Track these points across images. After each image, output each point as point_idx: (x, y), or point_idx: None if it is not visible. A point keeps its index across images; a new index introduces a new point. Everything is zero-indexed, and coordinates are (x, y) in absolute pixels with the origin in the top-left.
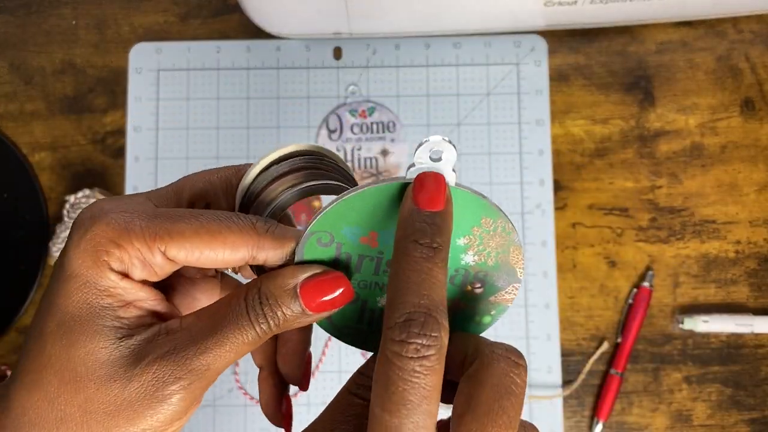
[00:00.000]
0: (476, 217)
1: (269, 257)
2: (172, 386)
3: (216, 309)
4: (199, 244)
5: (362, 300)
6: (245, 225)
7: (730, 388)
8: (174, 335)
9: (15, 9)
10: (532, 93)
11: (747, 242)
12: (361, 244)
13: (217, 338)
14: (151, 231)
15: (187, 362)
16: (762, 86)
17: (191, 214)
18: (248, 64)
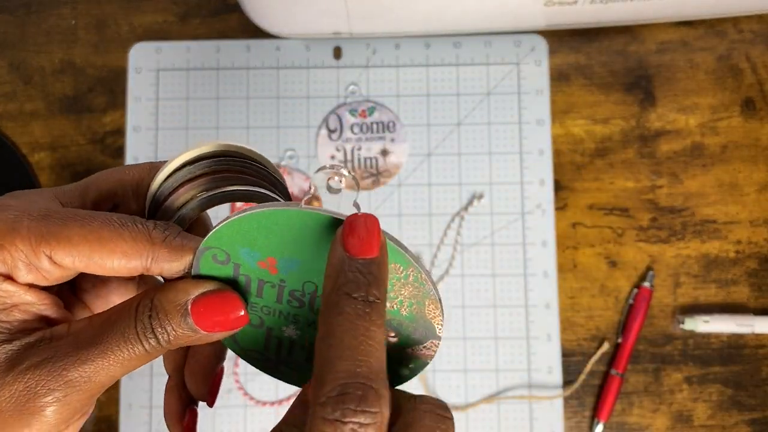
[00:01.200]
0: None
1: (165, 269)
2: (44, 398)
3: (107, 316)
4: (88, 251)
5: (267, 327)
6: (140, 233)
7: (731, 388)
8: (57, 342)
9: (15, 9)
10: (533, 93)
11: (747, 242)
12: (260, 269)
13: (101, 349)
14: (36, 234)
15: (64, 373)
16: (762, 86)
17: (83, 216)
18: (248, 63)
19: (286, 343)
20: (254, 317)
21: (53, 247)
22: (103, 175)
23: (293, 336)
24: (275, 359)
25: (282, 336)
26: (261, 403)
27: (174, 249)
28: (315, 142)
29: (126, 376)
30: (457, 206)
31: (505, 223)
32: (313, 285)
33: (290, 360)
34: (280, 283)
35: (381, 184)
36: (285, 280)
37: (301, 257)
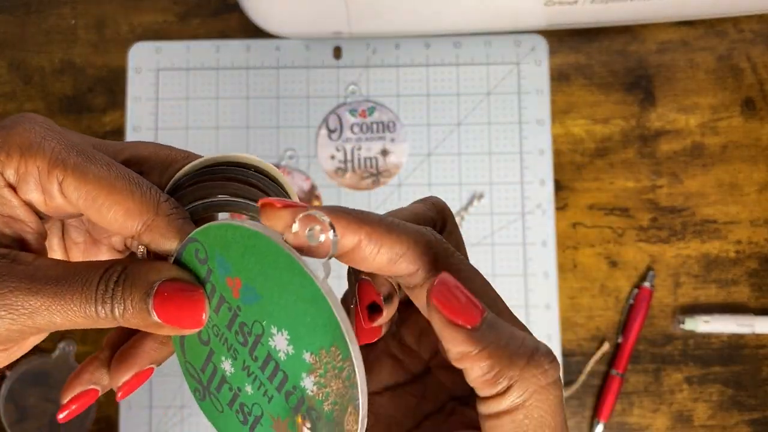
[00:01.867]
0: (328, 338)
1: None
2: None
3: (74, 265)
4: (96, 193)
5: (211, 348)
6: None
7: (731, 388)
8: (17, 265)
9: (14, 9)
10: (533, 93)
11: (748, 242)
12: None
13: (55, 290)
14: (59, 157)
15: (8, 293)
16: (763, 86)
17: (108, 163)
18: (248, 63)
19: (219, 376)
20: (204, 332)
21: (67, 175)
22: (141, 144)
23: (227, 372)
24: (205, 386)
25: (219, 366)
26: None
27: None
28: (315, 142)
29: None
30: (457, 206)
31: (505, 223)
32: (261, 327)
33: (215, 396)
34: (236, 310)
35: (381, 184)
36: (241, 308)
37: (261, 291)
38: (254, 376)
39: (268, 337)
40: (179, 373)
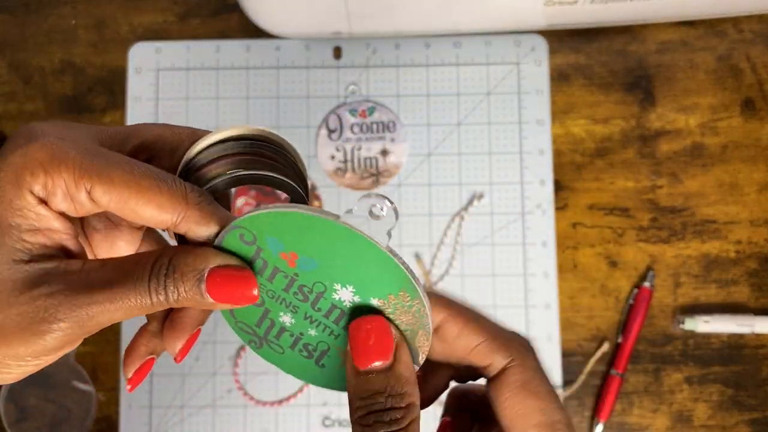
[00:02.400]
0: (396, 286)
1: (191, 230)
2: (51, 325)
3: (121, 264)
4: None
5: (266, 308)
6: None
7: (731, 388)
8: (70, 276)
9: (15, 9)
10: (533, 93)
11: (748, 242)
12: (280, 259)
13: (112, 293)
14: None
15: (74, 307)
16: (762, 86)
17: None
18: (248, 63)
19: (277, 327)
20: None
21: (95, 182)
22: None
23: (287, 323)
24: (262, 337)
25: (276, 320)
26: (261, 403)
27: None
28: (315, 142)
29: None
30: (457, 206)
31: (505, 223)
32: (323, 286)
33: (275, 343)
34: (294, 276)
35: (381, 184)
36: (299, 274)
37: (320, 260)
38: (318, 322)
39: (331, 292)
40: (179, 373)
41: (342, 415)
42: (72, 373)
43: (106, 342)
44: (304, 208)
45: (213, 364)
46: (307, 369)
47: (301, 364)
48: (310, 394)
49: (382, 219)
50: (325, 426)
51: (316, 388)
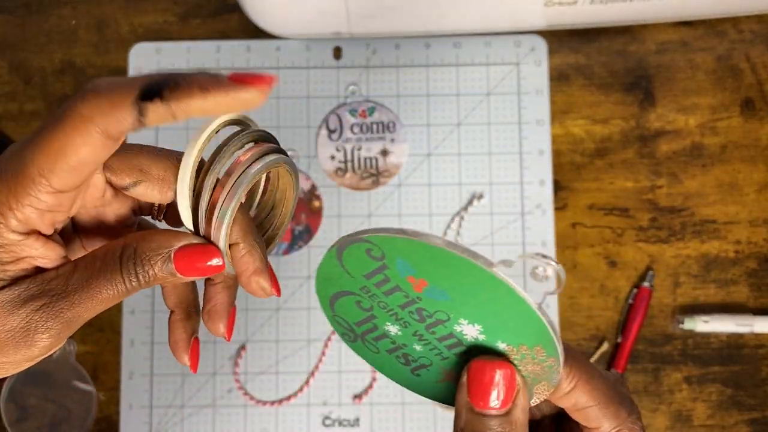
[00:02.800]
0: (534, 340)
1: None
2: (42, 334)
3: (91, 261)
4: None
5: (373, 314)
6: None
7: (731, 388)
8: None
9: (15, 9)
10: (533, 93)
11: (747, 242)
12: (406, 281)
13: (91, 293)
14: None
15: (60, 314)
16: (762, 86)
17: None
18: (248, 64)
19: (379, 332)
20: (366, 303)
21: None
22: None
23: (392, 333)
24: (359, 335)
25: (381, 326)
26: (261, 403)
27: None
28: (315, 142)
29: (126, 377)
30: (457, 206)
31: (505, 223)
32: (447, 316)
33: (371, 344)
34: (416, 299)
35: (381, 184)
36: (422, 299)
37: (454, 294)
38: (427, 341)
39: (455, 324)
40: (179, 373)
41: (342, 414)
42: (72, 373)
43: (107, 342)
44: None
45: (213, 364)
46: (399, 372)
47: (393, 367)
48: (309, 394)
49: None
50: (325, 426)
51: (316, 388)
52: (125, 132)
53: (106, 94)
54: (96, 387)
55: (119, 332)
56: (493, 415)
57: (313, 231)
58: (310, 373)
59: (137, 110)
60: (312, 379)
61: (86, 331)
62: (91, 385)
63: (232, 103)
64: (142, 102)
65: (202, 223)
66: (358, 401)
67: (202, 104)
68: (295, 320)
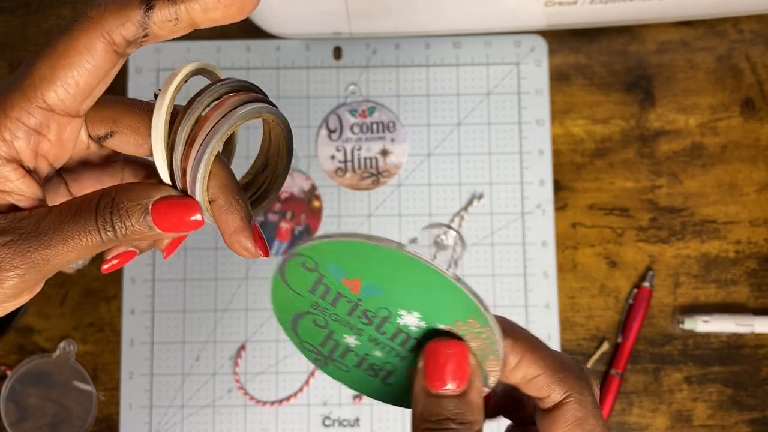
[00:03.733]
0: (464, 313)
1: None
2: (7, 273)
3: (67, 207)
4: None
5: (330, 330)
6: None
7: (731, 388)
8: (20, 224)
9: (15, 9)
10: (533, 93)
11: (747, 242)
12: (343, 285)
13: (63, 236)
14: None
15: (28, 254)
16: (762, 86)
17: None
18: (248, 63)
19: (342, 348)
20: (321, 319)
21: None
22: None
23: (351, 345)
24: (326, 356)
25: (341, 341)
26: (261, 403)
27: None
28: (315, 142)
29: (126, 377)
30: (457, 206)
31: (505, 223)
32: (387, 311)
33: (340, 362)
34: (357, 301)
35: (381, 184)
36: (362, 300)
37: (384, 287)
38: (383, 344)
39: (396, 317)
40: (179, 373)
41: (342, 415)
42: (72, 373)
43: (106, 342)
44: (366, 237)
45: (213, 364)
46: (373, 387)
47: (366, 382)
48: (309, 394)
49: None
50: (325, 426)
51: (315, 388)
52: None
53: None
54: (96, 387)
55: (119, 332)
56: (450, 396)
57: (313, 231)
58: (310, 373)
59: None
60: (312, 379)
61: (86, 331)
62: (91, 385)
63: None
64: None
65: (178, 177)
66: (358, 401)
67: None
68: None
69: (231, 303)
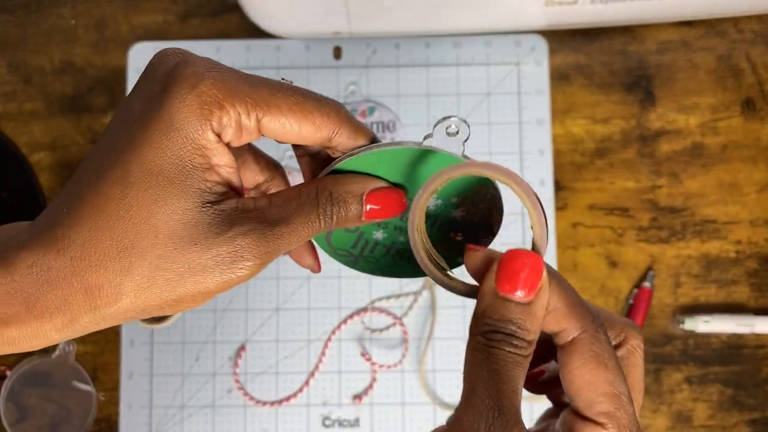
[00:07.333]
0: (473, 184)
1: (341, 144)
2: (247, 262)
3: (287, 199)
4: (292, 119)
5: (361, 231)
6: (332, 110)
7: (731, 388)
8: (251, 214)
9: (14, 9)
10: (533, 93)
11: (748, 242)
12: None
13: (291, 227)
14: (254, 98)
15: (266, 243)
16: (763, 86)
17: (288, 88)
18: (248, 64)
19: (371, 243)
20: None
21: (265, 112)
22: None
23: (379, 238)
24: (357, 255)
25: (370, 238)
26: (261, 403)
27: (354, 130)
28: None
29: (126, 377)
30: None
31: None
32: (409, 200)
33: (370, 256)
34: None
35: None
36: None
37: (407, 181)
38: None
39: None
40: (179, 373)
41: (342, 415)
42: (72, 373)
43: (106, 342)
44: (388, 144)
45: (213, 364)
46: (400, 268)
47: (393, 266)
48: (309, 394)
49: (456, 135)
50: (325, 426)
51: (315, 389)
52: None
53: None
54: (96, 387)
55: (119, 332)
56: (517, 301)
57: None
58: (310, 373)
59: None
60: (312, 380)
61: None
62: (91, 385)
63: None
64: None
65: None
66: (358, 401)
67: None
68: (295, 320)
69: (231, 303)
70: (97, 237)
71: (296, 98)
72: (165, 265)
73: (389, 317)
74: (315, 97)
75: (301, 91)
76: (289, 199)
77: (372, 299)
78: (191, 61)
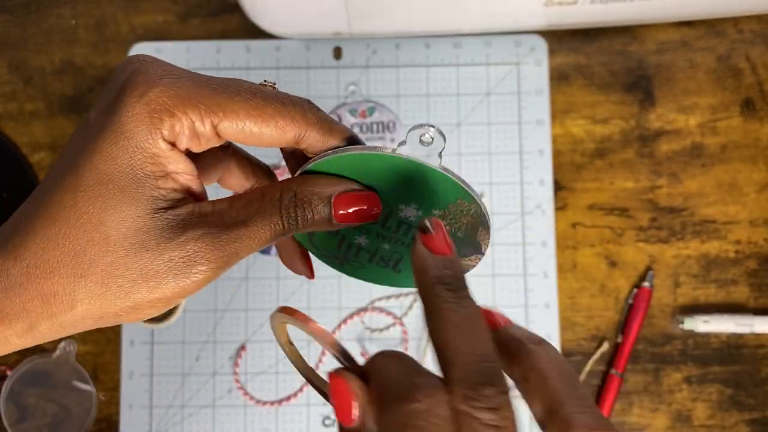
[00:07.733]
0: (454, 197)
1: (311, 146)
2: (201, 266)
3: (248, 201)
4: (251, 123)
5: (342, 234)
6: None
7: (731, 388)
8: (207, 218)
9: (15, 9)
10: (532, 93)
11: (747, 242)
12: None
13: (251, 229)
14: (207, 104)
15: (221, 247)
16: (762, 86)
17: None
18: (248, 64)
19: (354, 248)
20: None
21: (221, 118)
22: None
23: (362, 243)
24: (342, 258)
25: (353, 242)
26: (261, 403)
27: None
28: None
29: (126, 377)
30: None
31: (505, 223)
32: (389, 209)
33: (355, 261)
34: None
35: None
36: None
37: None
38: (389, 238)
39: (398, 212)
40: (179, 373)
41: None
42: (72, 373)
43: (107, 342)
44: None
45: (213, 364)
46: (386, 275)
47: (380, 273)
48: (309, 394)
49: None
50: (325, 426)
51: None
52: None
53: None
54: (96, 387)
55: (119, 332)
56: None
57: None
58: None
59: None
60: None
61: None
62: (91, 385)
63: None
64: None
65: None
66: None
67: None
68: None
69: (231, 303)
70: (50, 245)
71: (256, 102)
72: (117, 272)
73: (389, 317)
74: (279, 100)
75: (264, 94)
76: (251, 201)
77: (372, 299)
78: (146, 68)
